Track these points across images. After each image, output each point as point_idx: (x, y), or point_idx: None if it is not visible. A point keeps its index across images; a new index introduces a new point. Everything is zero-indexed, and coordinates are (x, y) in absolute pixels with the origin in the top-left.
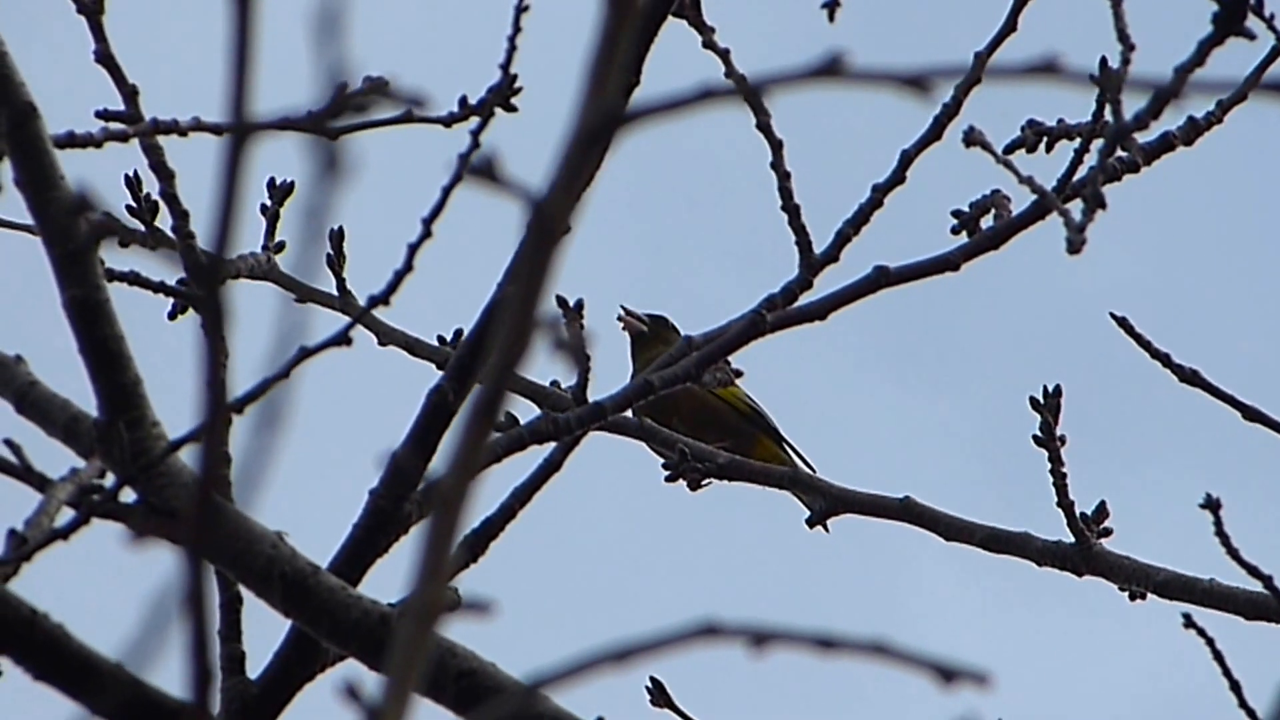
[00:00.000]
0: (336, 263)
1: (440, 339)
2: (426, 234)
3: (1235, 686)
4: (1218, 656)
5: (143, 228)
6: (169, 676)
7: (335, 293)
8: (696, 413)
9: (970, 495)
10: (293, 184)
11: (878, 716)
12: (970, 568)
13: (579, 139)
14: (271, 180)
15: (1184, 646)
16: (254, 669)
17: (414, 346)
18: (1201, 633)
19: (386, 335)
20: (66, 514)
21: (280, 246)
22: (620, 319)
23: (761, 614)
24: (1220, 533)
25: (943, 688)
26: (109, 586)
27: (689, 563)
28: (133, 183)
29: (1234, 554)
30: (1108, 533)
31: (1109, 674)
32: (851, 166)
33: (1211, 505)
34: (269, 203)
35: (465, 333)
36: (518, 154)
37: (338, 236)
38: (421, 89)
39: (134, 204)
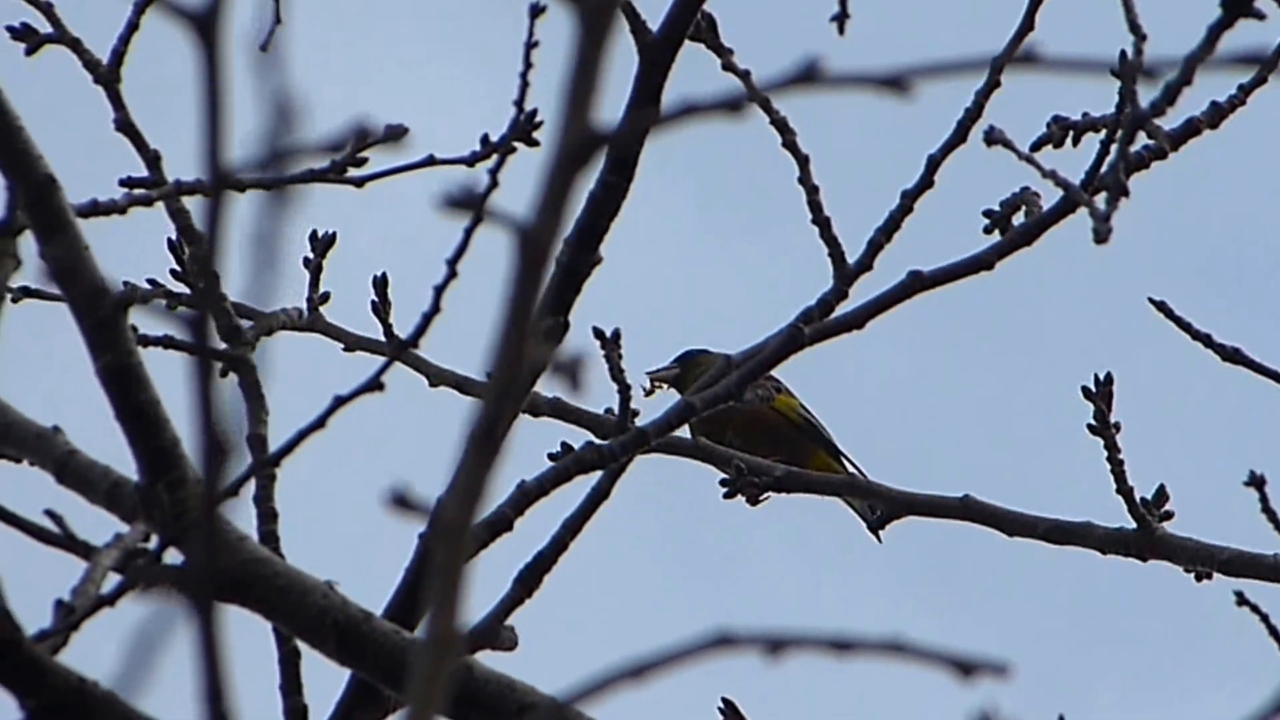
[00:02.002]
0: (382, 309)
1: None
2: (452, 275)
3: None
4: (1273, 633)
5: (188, 290)
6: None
7: (383, 339)
8: (750, 427)
9: (1027, 489)
10: (334, 235)
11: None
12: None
13: (560, 162)
14: (314, 233)
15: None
16: None
17: (464, 385)
18: (1255, 609)
19: (437, 376)
20: (113, 580)
21: (325, 298)
22: (649, 385)
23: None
24: (1266, 509)
25: (962, 682)
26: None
27: (752, 579)
28: (176, 246)
29: None
30: (1169, 516)
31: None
32: (874, 173)
33: (1255, 482)
34: (311, 255)
35: None
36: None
37: (381, 283)
38: (400, 125)
39: (178, 267)
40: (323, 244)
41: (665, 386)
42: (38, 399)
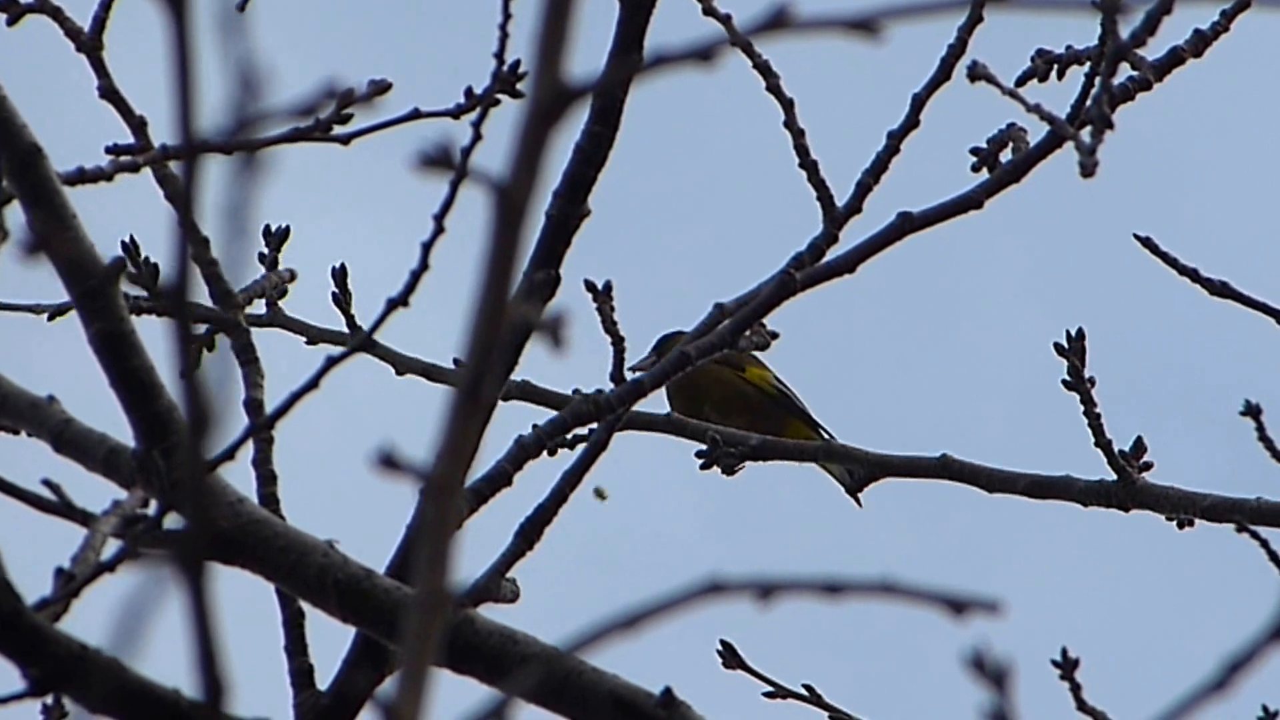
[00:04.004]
0: (343, 300)
1: (457, 361)
2: (439, 230)
3: None
4: (1274, 558)
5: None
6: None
7: (346, 329)
8: (727, 399)
9: (1005, 447)
10: (288, 230)
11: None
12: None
13: (534, 117)
14: (267, 228)
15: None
16: (325, 681)
17: (431, 372)
18: (1255, 535)
19: (403, 365)
20: (113, 547)
21: (283, 293)
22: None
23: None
24: (1263, 437)
25: (954, 620)
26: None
27: (734, 548)
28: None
29: (1278, 456)
30: (1148, 466)
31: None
32: (860, 115)
33: (1252, 411)
34: (266, 250)
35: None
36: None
37: (340, 274)
38: (383, 80)
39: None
40: (276, 238)
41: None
42: (32, 368)
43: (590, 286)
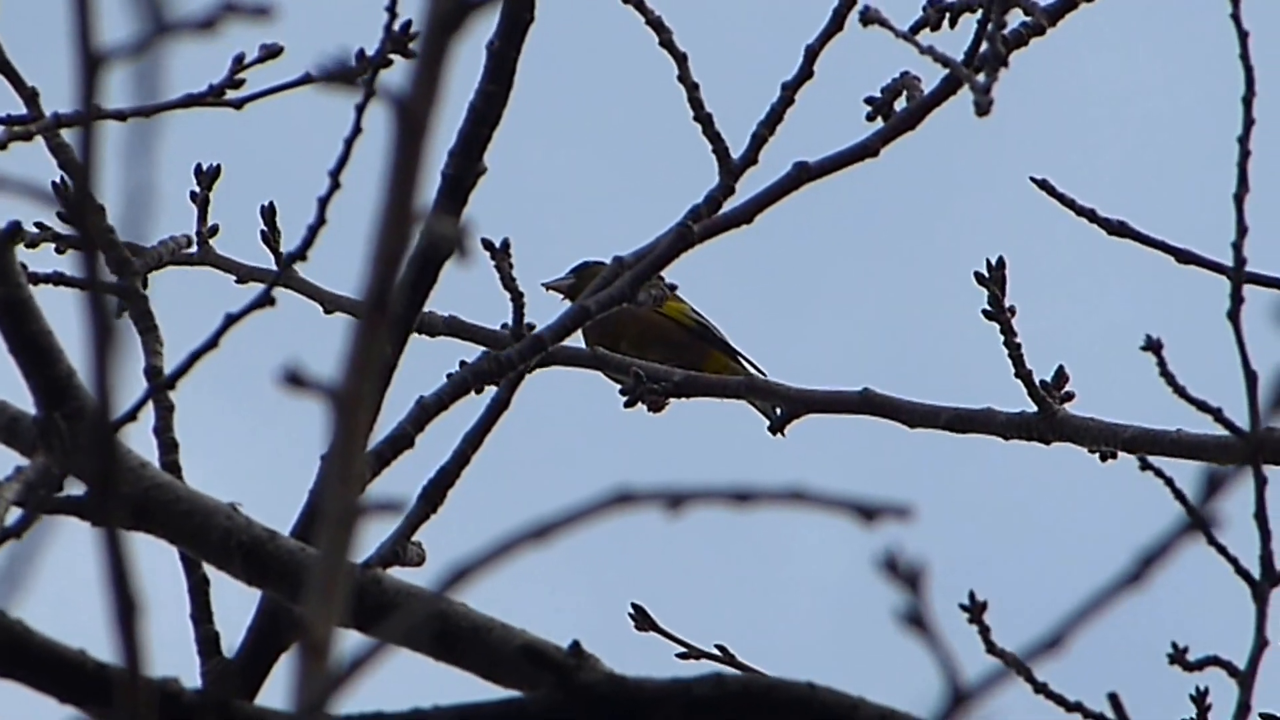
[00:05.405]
0: (272, 237)
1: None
2: (335, 186)
3: (1201, 524)
4: (1179, 496)
5: (75, 232)
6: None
7: (275, 268)
8: (643, 334)
9: (926, 381)
10: (219, 168)
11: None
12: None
13: (434, 28)
14: (198, 166)
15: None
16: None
17: (358, 309)
18: (1159, 473)
19: (331, 302)
20: (15, 514)
21: (214, 230)
22: (547, 289)
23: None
24: (1165, 373)
25: (865, 526)
26: (58, 576)
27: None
28: (60, 187)
29: (1180, 391)
30: (1070, 397)
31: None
32: (753, 67)
33: (1153, 346)
34: (197, 189)
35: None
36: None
37: (269, 211)
38: (275, 44)
39: (64, 210)
40: (208, 176)
41: (561, 297)
42: None
43: (488, 244)
